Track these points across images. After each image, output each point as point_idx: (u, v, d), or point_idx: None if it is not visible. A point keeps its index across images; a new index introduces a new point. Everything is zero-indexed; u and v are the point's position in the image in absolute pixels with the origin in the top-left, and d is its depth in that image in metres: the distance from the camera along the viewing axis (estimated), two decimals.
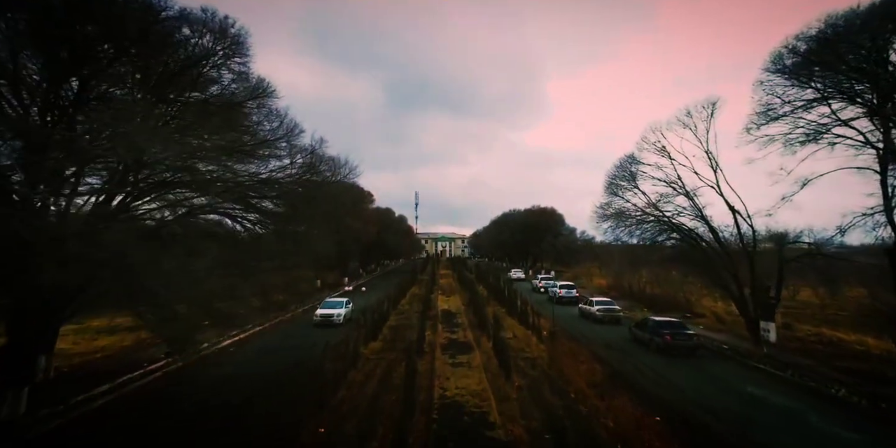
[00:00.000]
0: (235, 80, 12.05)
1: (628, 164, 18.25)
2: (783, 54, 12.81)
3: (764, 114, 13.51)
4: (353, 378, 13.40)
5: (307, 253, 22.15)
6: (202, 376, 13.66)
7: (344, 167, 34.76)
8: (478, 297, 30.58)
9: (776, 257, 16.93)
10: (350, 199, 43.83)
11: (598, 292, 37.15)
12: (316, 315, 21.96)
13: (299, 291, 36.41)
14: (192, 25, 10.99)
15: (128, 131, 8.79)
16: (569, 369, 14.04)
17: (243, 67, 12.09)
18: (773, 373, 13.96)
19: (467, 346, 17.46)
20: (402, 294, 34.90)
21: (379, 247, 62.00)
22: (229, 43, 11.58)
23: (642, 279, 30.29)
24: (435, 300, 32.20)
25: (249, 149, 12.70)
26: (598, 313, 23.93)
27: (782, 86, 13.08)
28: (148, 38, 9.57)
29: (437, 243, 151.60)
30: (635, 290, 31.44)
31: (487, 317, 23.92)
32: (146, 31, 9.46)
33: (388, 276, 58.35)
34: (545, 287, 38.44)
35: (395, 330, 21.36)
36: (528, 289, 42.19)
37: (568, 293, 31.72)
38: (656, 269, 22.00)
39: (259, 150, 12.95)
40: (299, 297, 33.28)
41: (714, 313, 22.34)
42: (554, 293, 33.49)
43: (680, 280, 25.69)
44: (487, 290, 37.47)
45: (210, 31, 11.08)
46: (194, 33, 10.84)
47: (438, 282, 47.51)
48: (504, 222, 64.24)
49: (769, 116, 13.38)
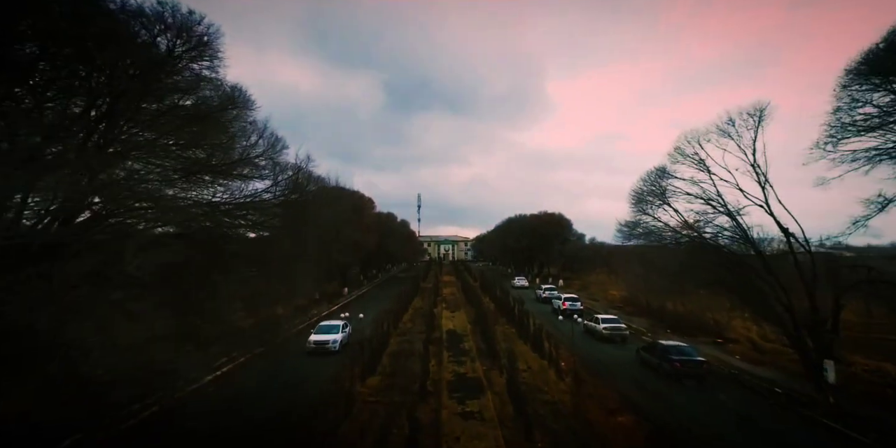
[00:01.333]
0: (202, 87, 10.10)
1: (658, 179, 16.21)
2: (877, 54, 10.56)
3: (847, 126, 11.32)
4: (346, 435, 11.42)
5: (293, 279, 20.41)
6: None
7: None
8: (484, 313, 28.61)
9: (828, 280, 14.89)
10: (350, 207, 41.95)
11: (610, 306, 35.10)
12: (309, 342, 19.98)
13: (295, 305, 34.57)
14: (145, 21, 9.05)
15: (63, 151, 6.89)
16: (599, 422, 12.00)
17: (212, 72, 10.15)
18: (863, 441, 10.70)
19: (477, 386, 15.43)
20: (405, 308, 32.95)
21: (381, 253, 60.12)
22: (194, 43, 9.64)
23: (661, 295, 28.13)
24: (439, 316, 30.19)
25: (223, 168, 10.75)
26: (603, 331, 22.82)
27: (872, 91, 10.94)
28: (82, 36, 7.62)
29: (440, 246, 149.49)
30: (654, 307, 29.31)
31: (496, 340, 21.96)
32: (80, 26, 7.52)
33: (389, 283, 56.42)
34: (549, 298, 36.79)
35: (397, 358, 19.38)
36: (532, 298, 40.48)
37: (573, 305, 30.37)
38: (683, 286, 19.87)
39: (235, 169, 11.00)
40: (297, 311, 31.44)
41: (749, 339, 20.20)
42: (557, 305, 31.95)
43: (707, 297, 23.53)
44: (494, 302, 35.50)
45: (169, 28, 9.14)
46: (147, 31, 8.90)
47: (442, 292, 45.52)
48: (509, 228, 62.13)
49: (854, 129, 11.19)
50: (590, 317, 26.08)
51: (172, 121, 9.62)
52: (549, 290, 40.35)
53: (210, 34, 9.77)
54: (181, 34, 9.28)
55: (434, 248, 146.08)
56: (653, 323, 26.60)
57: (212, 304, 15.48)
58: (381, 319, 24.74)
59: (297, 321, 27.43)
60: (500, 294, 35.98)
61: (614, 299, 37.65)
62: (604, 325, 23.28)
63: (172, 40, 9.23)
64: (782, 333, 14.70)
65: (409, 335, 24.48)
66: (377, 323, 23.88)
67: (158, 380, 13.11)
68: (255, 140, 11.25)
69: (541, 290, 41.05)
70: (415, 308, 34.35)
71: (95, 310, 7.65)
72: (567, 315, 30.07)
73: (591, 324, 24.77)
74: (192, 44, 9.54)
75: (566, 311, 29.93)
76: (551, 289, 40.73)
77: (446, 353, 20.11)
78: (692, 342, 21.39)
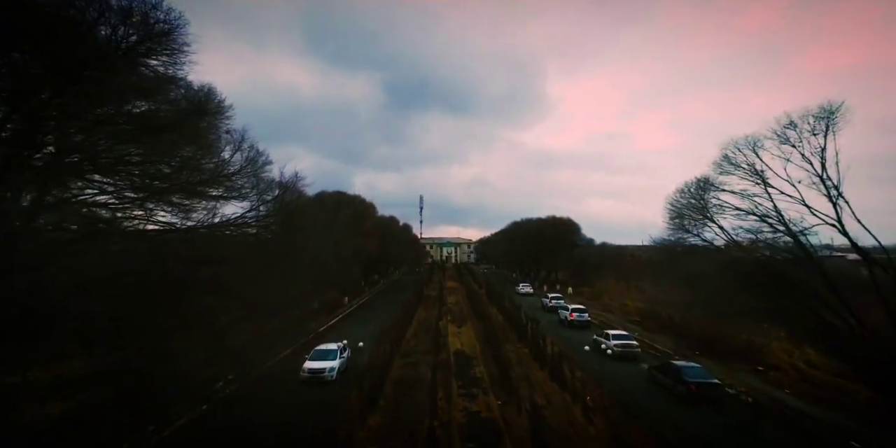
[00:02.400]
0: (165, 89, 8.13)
1: (700, 191, 14.17)
2: None
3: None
4: None
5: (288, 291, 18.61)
6: None
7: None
8: (494, 329, 26.61)
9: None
10: (351, 213, 40.04)
11: (627, 320, 32.97)
12: (303, 370, 17.96)
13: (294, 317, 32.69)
14: (90, 5, 7.06)
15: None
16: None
17: (177, 70, 8.17)
18: None
19: (494, 430, 13.42)
20: (408, 321, 30.99)
21: (382, 259, 58.21)
22: (151, 32, 7.66)
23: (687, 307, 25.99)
24: (444, 331, 28.20)
25: (192, 187, 8.80)
26: (615, 348, 21.50)
27: None
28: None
29: (443, 249, 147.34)
30: (676, 322, 27.21)
31: (510, 363, 19.99)
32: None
33: (391, 290, 54.48)
34: (556, 307, 35.02)
35: (401, 387, 17.44)
36: (538, 306, 39.10)
37: (580, 317, 29.42)
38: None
39: (207, 187, 9.05)
40: (295, 324, 29.50)
41: (793, 366, 18.04)
42: (564, 316, 30.68)
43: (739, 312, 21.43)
44: (502, 314, 33.50)
45: (112, 11, 7.15)
46: (80, 12, 6.91)
47: (446, 300, 43.53)
48: (515, 233, 60.04)
49: None
50: (599, 331, 24.73)
51: (124, 130, 7.65)
52: (556, 298, 38.65)
53: (172, 22, 7.80)
54: (132, 20, 7.30)
55: (436, 250, 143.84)
56: (677, 342, 24.48)
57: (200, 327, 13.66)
58: (382, 338, 22.83)
59: (293, 338, 25.43)
60: (509, 305, 33.94)
61: (630, 311, 35.51)
62: (615, 342, 21.84)
63: (120, 27, 7.25)
64: (857, 373, 12.61)
65: (414, 356, 22.52)
66: (378, 343, 21.97)
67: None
68: (232, 154, 9.33)
69: (547, 299, 39.44)
70: (419, 321, 32.39)
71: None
72: (575, 327, 28.95)
73: (600, 339, 23.34)
74: (147, 33, 7.57)
75: (573, 323, 29.09)
76: (558, 298, 38.82)
77: (455, 382, 18.13)
78: (728, 369, 19.34)
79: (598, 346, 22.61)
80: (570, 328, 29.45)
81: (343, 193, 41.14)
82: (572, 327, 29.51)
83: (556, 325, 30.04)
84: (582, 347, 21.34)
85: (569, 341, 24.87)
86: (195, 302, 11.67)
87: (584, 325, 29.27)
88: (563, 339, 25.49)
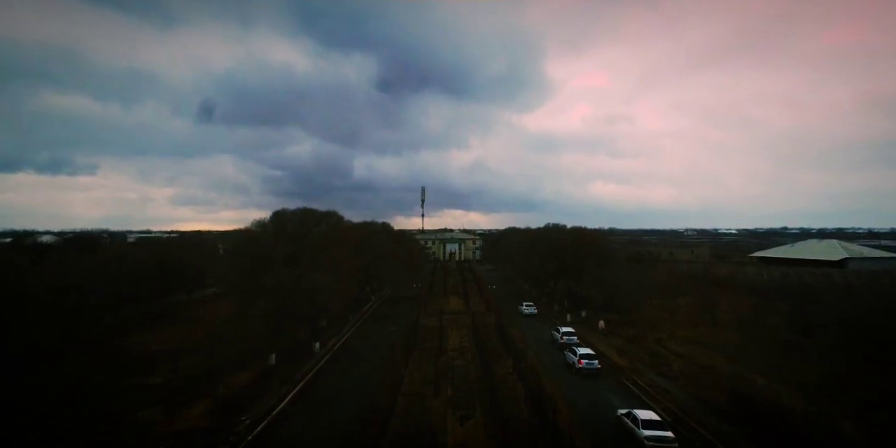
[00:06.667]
0: None
1: None
2: None
3: None
4: None
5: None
6: None
7: None
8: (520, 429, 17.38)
9: None
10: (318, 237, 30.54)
11: (700, 393, 22.49)
12: None
13: (230, 392, 23.81)
14: None
15: None
16: None
17: None
18: None
19: None
20: (390, 408, 21.89)
21: (372, 278, 49.01)
22: None
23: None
24: (444, 430, 18.99)
25: None
26: (645, 442, 16.23)
27: None
28: None
29: (446, 245, 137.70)
30: (786, 400, 17.64)
31: None
32: None
33: (381, 318, 45.47)
34: (567, 344, 30.39)
35: None
36: (547, 339, 34.07)
37: (589, 364, 25.85)
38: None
39: None
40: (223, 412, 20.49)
41: None
42: (572, 360, 26.73)
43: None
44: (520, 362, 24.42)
45: None
46: None
47: (448, 342, 34.37)
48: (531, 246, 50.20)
49: None
50: (627, 413, 18.24)
51: None
52: (569, 335, 32.15)
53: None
54: None
55: (439, 247, 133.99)
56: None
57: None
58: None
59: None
60: (535, 361, 24.52)
61: (711, 376, 25.54)
62: (647, 433, 16.41)
63: None
64: None
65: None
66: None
67: None
68: None
69: (558, 333, 33.11)
70: (404, 394, 23.20)
71: None
72: (584, 376, 25.47)
73: (626, 421, 17.89)
74: None
75: (582, 372, 25.69)
76: (570, 334, 32.44)
77: None
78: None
79: (623, 427, 17.73)
80: (576, 375, 25.75)
81: (311, 211, 31.81)
82: (580, 375, 25.61)
83: (562, 370, 26.96)
84: (593, 411, 18.20)
85: (575, 406, 18.81)
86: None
87: (594, 372, 25.62)
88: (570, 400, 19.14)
